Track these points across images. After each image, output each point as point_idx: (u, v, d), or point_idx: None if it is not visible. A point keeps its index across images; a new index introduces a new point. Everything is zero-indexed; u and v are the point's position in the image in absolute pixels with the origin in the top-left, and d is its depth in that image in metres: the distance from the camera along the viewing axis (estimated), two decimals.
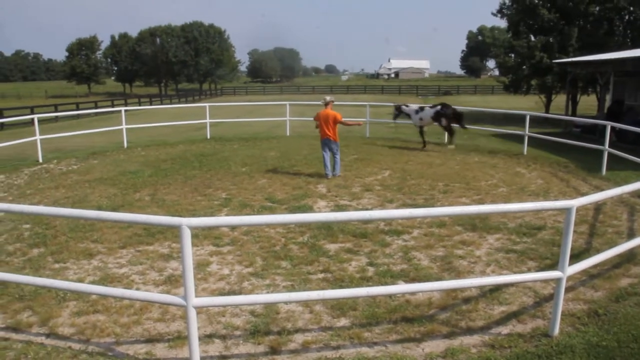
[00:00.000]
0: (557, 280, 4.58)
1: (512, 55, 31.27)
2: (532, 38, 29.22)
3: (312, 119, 12.74)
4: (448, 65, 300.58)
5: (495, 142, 17.99)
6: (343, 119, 11.83)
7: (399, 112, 16.58)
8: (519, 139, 16.19)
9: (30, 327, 4.97)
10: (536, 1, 28.33)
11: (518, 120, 19.43)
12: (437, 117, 15.55)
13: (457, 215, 7.67)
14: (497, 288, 5.68)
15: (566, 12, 26.90)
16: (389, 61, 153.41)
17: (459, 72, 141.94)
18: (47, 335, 4.83)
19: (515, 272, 6.23)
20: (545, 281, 5.70)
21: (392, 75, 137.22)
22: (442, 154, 14.95)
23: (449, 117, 15.51)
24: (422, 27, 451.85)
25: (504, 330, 4.88)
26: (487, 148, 16.20)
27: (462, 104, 39.57)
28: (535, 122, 19.04)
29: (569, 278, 4.90)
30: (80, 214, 4.60)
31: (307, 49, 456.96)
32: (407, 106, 16.58)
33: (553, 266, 5.88)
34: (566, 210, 4.39)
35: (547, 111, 29.10)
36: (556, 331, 4.70)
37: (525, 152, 14.97)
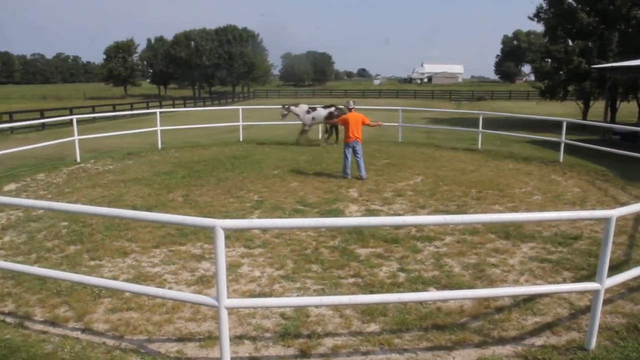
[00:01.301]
0: (595, 292, 4.46)
1: (549, 60, 30.48)
2: (570, 43, 28.47)
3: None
4: (482, 70, 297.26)
5: (529, 148, 17.61)
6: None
7: (287, 112, 17.50)
8: (554, 145, 15.83)
9: (66, 322, 5.12)
10: (575, 5, 27.61)
11: (553, 126, 19.01)
12: (330, 117, 16.86)
13: (492, 222, 7.54)
14: (530, 298, 5.56)
15: (607, 15, 26.12)
16: (422, 65, 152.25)
17: (493, 77, 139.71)
18: (83, 331, 4.96)
19: (550, 282, 6.08)
20: (582, 292, 5.56)
21: (425, 80, 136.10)
22: (475, 161, 14.73)
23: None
24: (456, 31, 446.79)
25: (538, 341, 4.77)
26: (522, 155, 15.86)
27: (496, 109, 38.94)
28: (572, 128, 18.56)
29: (607, 290, 4.75)
30: (117, 213, 4.70)
31: (340, 52, 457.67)
32: (296, 107, 17.58)
33: (590, 277, 5.73)
34: (605, 220, 4.27)
35: (584, 118, 28.33)
36: (593, 344, 4.56)
37: (561, 160, 14.60)
